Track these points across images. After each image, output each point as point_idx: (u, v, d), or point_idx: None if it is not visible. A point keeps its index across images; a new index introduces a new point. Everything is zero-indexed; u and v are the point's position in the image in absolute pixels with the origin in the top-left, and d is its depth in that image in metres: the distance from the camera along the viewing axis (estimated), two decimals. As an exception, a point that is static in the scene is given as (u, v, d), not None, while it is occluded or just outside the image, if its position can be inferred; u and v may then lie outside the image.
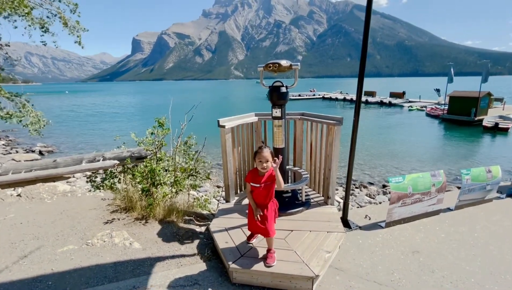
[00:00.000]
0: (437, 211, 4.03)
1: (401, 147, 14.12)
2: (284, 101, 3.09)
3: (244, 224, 2.97)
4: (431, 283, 2.56)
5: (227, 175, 3.42)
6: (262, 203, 2.35)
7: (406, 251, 3.06)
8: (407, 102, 34.58)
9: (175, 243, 2.95)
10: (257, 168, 2.32)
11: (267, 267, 2.27)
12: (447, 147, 14.53)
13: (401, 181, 3.64)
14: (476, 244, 3.23)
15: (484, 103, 21.43)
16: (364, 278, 2.58)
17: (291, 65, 2.98)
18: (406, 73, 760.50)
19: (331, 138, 3.18)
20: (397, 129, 19.59)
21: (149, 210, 3.22)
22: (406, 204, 3.68)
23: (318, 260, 2.35)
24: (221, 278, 2.44)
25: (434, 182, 3.89)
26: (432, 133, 18.71)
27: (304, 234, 2.75)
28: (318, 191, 3.70)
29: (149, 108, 38.09)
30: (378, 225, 3.62)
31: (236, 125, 3.44)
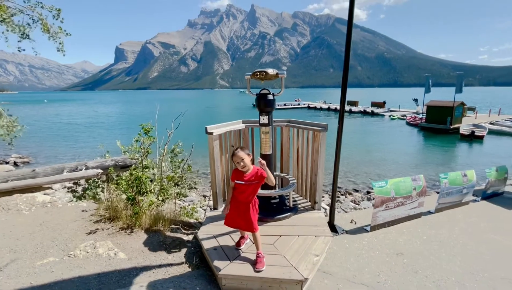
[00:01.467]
0: (419, 214, 4.19)
1: (384, 155, 14.56)
2: (271, 108, 3.15)
3: (233, 231, 2.97)
4: (415, 283, 2.64)
5: (215, 182, 3.41)
6: (244, 201, 2.41)
7: (391, 253, 3.15)
8: (388, 111, 35.90)
9: (162, 252, 2.89)
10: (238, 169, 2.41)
11: (256, 272, 2.28)
12: (427, 154, 15.15)
13: (384, 185, 3.77)
14: (456, 245, 3.37)
15: (459, 112, 22.61)
16: (351, 281, 2.63)
17: (277, 74, 3.07)
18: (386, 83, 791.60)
19: (317, 144, 3.27)
20: (379, 137, 20.23)
21: (135, 219, 3.15)
22: (389, 208, 3.81)
23: (307, 263, 2.38)
24: (210, 286, 2.41)
25: (415, 186, 4.05)
26: (412, 141, 19.46)
27: (292, 239, 2.77)
28: (305, 197, 3.76)
29: (133, 117, 37.31)
30: (364, 229, 3.71)
31: (223, 132, 3.46)
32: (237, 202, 2.43)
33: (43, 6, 4.56)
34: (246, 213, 2.38)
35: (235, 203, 2.46)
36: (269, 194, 3.22)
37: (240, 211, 2.41)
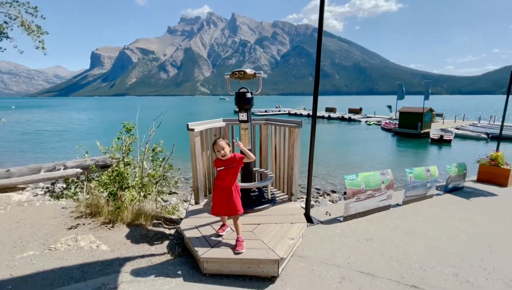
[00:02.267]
0: (388, 206, 4.53)
1: (361, 158, 15.24)
2: (249, 106, 3.36)
3: (214, 221, 3.11)
4: (381, 262, 2.91)
5: (196, 177, 3.54)
6: (227, 185, 2.59)
7: (361, 239, 3.42)
8: (364, 117, 37.49)
9: (144, 244, 2.96)
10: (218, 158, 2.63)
11: (236, 255, 2.43)
12: (401, 157, 16.06)
13: (355, 178, 4.07)
14: (418, 231, 3.71)
15: (428, 118, 24.14)
16: (324, 263, 2.85)
17: (255, 73, 3.29)
18: (362, 91, 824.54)
19: (293, 140, 3.51)
20: (357, 142, 21.10)
21: (117, 213, 3.19)
22: (360, 199, 4.11)
23: (283, 245, 2.57)
24: (192, 271, 2.53)
25: (383, 179, 4.40)
26: (387, 145, 20.46)
27: (270, 227, 2.96)
28: (283, 190, 3.98)
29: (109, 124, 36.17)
30: (337, 220, 3.98)
31: (204, 129, 3.61)
32: (221, 189, 2.60)
33: (20, 4, 4.51)
34: (230, 198, 2.56)
35: (219, 192, 2.62)
36: (248, 186, 3.40)
37: (224, 197, 2.58)
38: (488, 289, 2.54)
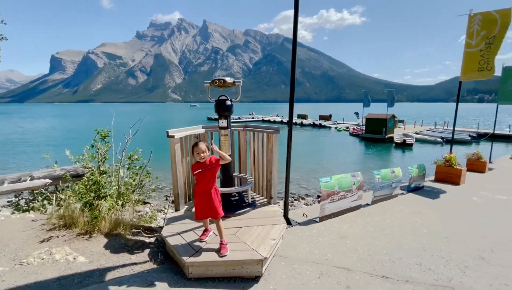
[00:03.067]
0: (358, 206, 4.85)
1: (332, 162, 15.92)
2: (229, 113, 3.48)
3: (196, 227, 3.14)
4: (355, 257, 3.14)
5: (176, 184, 3.54)
6: (206, 188, 2.67)
7: (336, 237, 3.65)
8: (334, 123, 39.19)
9: (124, 254, 2.91)
10: (197, 161, 2.71)
11: (221, 257, 2.50)
12: (368, 160, 17.04)
13: (329, 181, 4.33)
14: (386, 227, 4.04)
15: (391, 124, 25.91)
16: (304, 261, 3.01)
17: (234, 82, 3.42)
18: (331, 99, 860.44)
19: (271, 145, 3.67)
20: (328, 147, 22.00)
21: (94, 223, 3.09)
22: (334, 201, 4.37)
23: (265, 246, 2.69)
24: (176, 276, 2.54)
25: (354, 181, 4.72)
26: (355, 150, 21.57)
27: (252, 229, 3.06)
28: (262, 194, 4.11)
29: (75, 132, 33.95)
30: (314, 221, 4.19)
31: (184, 135, 3.65)
32: (201, 194, 2.66)
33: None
34: (210, 201, 2.63)
35: (199, 197, 2.68)
36: (229, 191, 3.48)
37: (204, 201, 2.65)
38: (447, 274, 2.85)
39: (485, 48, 6.51)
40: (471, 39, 6.84)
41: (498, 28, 6.35)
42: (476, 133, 25.51)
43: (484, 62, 6.58)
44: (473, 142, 23.49)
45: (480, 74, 6.66)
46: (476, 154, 8.66)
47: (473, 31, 6.82)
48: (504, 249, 3.45)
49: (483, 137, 24.36)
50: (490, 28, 6.42)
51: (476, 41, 6.76)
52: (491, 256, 3.26)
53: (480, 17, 6.70)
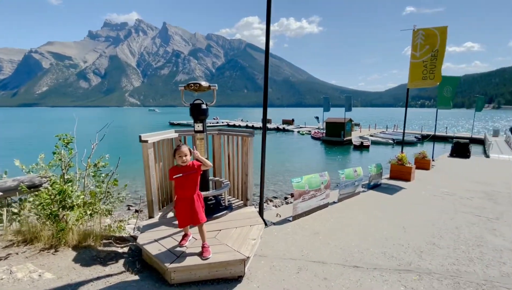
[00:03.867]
0: (327, 204, 5.16)
1: (296, 164, 16.51)
2: (204, 117, 3.49)
3: (174, 233, 3.08)
4: (328, 251, 3.35)
5: (150, 190, 3.44)
6: (188, 194, 2.62)
7: (309, 234, 3.85)
8: (297, 127, 40.67)
9: (97, 266, 2.74)
10: (176, 165, 2.66)
11: (204, 260, 2.50)
12: (330, 161, 18.02)
13: (300, 181, 4.55)
14: (353, 223, 4.36)
15: (348, 127, 27.71)
16: (282, 258, 3.14)
17: (209, 86, 3.46)
18: (292, 104, 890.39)
19: (246, 148, 3.76)
20: (292, 150, 22.73)
21: (60, 236, 2.85)
22: (305, 200, 4.60)
23: (247, 246, 2.76)
24: (158, 283, 2.48)
25: (322, 181, 5.01)
26: (317, 152, 22.63)
27: (231, 231, 3.11)
28: (238, 197, 4.16)
29: (20, 140, 30.21)
30: (287, 220, 4.36)
31: (157, 140, 3.56)
32: (182, 200, 2.62)
33: None
34: (193, 206, 2.59)
35: (181, 202, 2.63)
36: (205, 195, 3.47)
37: (186, 207, 2.60)
38: (406, 259, 3.20)
39: (429, 59, 7.39)
40: (415, 51, 7.73)
41: (439, 42, 7.30)
42: (420, 135, 28.49)
43: (427, 72, 7.48)
44: (418, 143, 26.19)
45: (424, 82, 7.55)
46: (422, 153, 9.71)
47: (417, 44, 7.72)
48: (450, 234, 3.97)
49: (426, 138, 27.33)
50: (433, 42, 7.34)
51: (420, 53, 7.66)
52: (440, 241, 3.73)
53: (422, 32, 7.61)
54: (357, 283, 2.69)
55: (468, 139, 16.64)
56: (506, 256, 3.35)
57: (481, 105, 26.55)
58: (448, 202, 5.57)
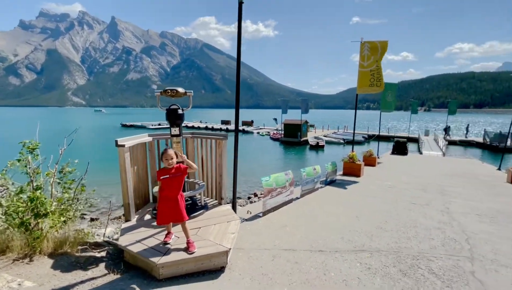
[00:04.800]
0: (291, 200, 5.65)
1: (257, 164, 17.04)
2: (181, 121, 3.67)
3: (155, 233, 3.21)
4: (296, 241, 3.79)
5: (127, 193, 3.49)
6: (173, 194, 2.82)
7: (279, 227, 4.26)
8: (257, 129, 41.57)
9: (78, 271, 2.75)
10: (164, 167, 2.84)
11: (190, 254, 2.71)
12: (289, 160, 18.97)
13: (269, 179, 4.96)
14: (313, 215, 4.91)
15: (304, 128, 29.34)
16: (257, 249, 3.48)
17: (185, 92, 3.65)
18: (251, 105, 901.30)
19: (220, 150, 4.03)
20: (252, 151, 23.28)
21: (35, 244, 2.78)
22: (273, 196, 5.02)
23: (227, 239, 3.04)
24: (146, 280, 2.62)
25: (287, 178, 5.49)
26: (277, 152, 23.55)
27: (210, 227, 3.35)
28: (212, 197, 4.39)
29: None
30: (258, 216, 4.72)
31: (133, 144, 3.62)
32: (167, 199, 2.80)
33: None
34: (176, 206, 2.80)
35: (164, 201, 2.81)
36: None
37: (170, 206, 2.79)
38: (361, 242, 3.80)
39: (376, 69, 8.46)
40: (363, 61, 8.76)
41: (379, 55, 8.42)
42: (367, 135, 31.47)
43: (374, 80, 8.54)
44: (365, 142, 28.91)
45: (371, 88, 8.61)
46: (369, 152, 10.95)
47: (364, 55, 8.76)
48: (393, 219, 4.74)
49: (372, 138, 30.30)
50: (376, 53, 8.42)
51: (368, 63, 8.71)
52: (386, 225, 4.45)
53: (368, 45, 8.66)
54: (323, 264, 3.16)
55: (406, 138, 19.01)
56: (434, 233, 4.18)
57: (415, 108, 30.43)
58: (391, 193, 6.52)
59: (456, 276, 2.99)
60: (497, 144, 22.80)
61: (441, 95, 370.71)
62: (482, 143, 26.23)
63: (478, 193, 6.75)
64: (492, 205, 5.72)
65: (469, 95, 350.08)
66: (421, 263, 3.26)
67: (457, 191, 6.92)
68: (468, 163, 12.59)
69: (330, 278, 2.87)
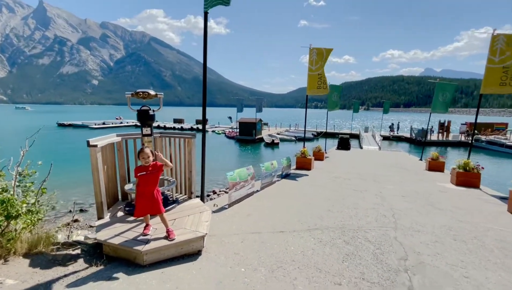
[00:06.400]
0: (253, 192, 6.20)
1: (215, 162, 17.30)
2: (152, 122, 3.90)
3: (132, 227, 3.42)
4: (260, 225, 4.34)
5: (99, 192, 3.60)
6: (150, 189, 3.11)
7: (244, 216, 4.76)
8: (212, 127, 41.36)
9: (58, 267, 2.85)
10: (141, 165, 3.10)
11: (171, 241, 3.03)
12: (246, 157, 19.59)
13: (233, 174, 5.42)
14: (274, 204, 5.53)
15: (259, 127, 30.36)
16: (227, 235, 3.93)
17: (156, 94, 3.88)
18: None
19: (190, 148, 4.35)
20: (209, 149, 23.37)
21: (10, 245, 2.77)
22: (237, 189, 5.50)
23: (202, 226, 3.42)
24: (131, 267, 2.86)
25: (248, 173, 6.02)
26: (233, 150, 24.03)
27: (185, 218, 3.68)
28: (181, 192, 4.68)
29: None
30: (224, 207, 5.15)
31: (104, 144, 3.73)
32: (144, 194, 3.07)
33: None
34: (153, 199, 3.08)
35: (142, 196, 3.07)
36: (156, 192, 3.89)
37: (147, 199, 3.07)
38: (313, 222, 4.51)
39: (323, 72, 9.48)
40: (311, 65, 9.74)
41: (324, 60, 9.47)
42: (316, 132, 33.93)
43: (321, 83, 9.57)
44: (314, 139, 31.18)
45: (319, 90, 9.63)
46: (318, 147, 12.14)
47: (313, 60, 9.74)
48: (338, 203, 5.62)
49: (320, 134, 32.82)
50: (322, 59, 9.45)
51: (316, 67, 9.71)
52: (333, 209, 5.28)
53: (316, 51, 9.66)
54: (284, 241, 3.75)
55: (349, 135, 21.20)
56: (369, 212, 5.13)
57: (357, 107, 33.80)
58: (336, 183, 7.54)
59: (384, 241, 3.87)
60: (420, 138, 26.86)
61: (377, 96, 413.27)
62: (409, 138, 30.56)
63: (404, 180, 8.22)
64: (413, 188, 7.09)
65: (399, 96, 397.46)
66: (359, 234, 4.09)
67: (388, 178, 8.30)
68: (398, 156, 14.81)
69: (291, 251, 3.48)
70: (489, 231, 4.30)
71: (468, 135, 27.63)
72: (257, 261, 3.18)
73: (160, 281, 2.67)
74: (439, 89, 12.19)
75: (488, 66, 7.45)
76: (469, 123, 28.86)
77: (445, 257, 3.41)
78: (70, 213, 7.96)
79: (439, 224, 4.58)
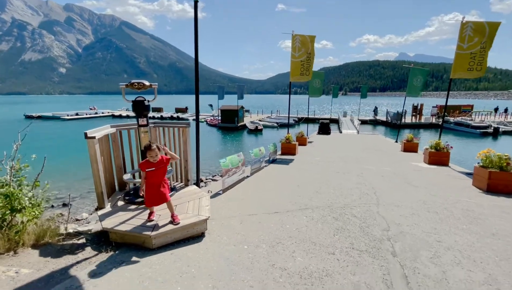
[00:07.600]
0: (244, 178, 6.45)
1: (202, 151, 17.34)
2: (147, 112, 3.96)
3: (135, 215, 3.56)
4: (255, 207, 4.61)
5: (99, 183, 3.66)
6: (158, 181, 3.26)
7: (238, 200, 5.01)
8: (192, 115, 40.71)
9: (68, 256, 2.96)
10: (148, 160, 3.21)
11: (176, 225, 3.22)
12: (230, 145, 19.71)
13: (225, 161, 5.61)
14: (265, 187, 5.82)
15: (241, 114, 30.38)
16: (226, 217, 4.17)
17: (151, 84, 3.93)
18: (181, 90, 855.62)
19: (185, 137, 4.47)
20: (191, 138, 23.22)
21: (18, 237, 2.83)
22: (230, 176, 5.71)
23: (204, 210, 3.63)
24: (141, 251, 3.04)
25: (239, 160, 6.23)
26: (216, 138, 24.00)
27: (186, 204, 3.86)
28: (177, 180, 4.82)
29: None
30: (218, 193, 5.37)
31: (101, 136, 3.77)
32: (152, 185, 3.20)
33: None
34: (161, 190, 3.22)
35: (150, 187, 3.20)
36: (155, 180, 4.01)
37: (155, 190, 3.21)
38: (303, 202, 4.86)
39: (306, 59, 9.69)
40: (294, 52, 9.92)
41: (310, 47, 9.66)
42: (297, 118, 34.51)
43: (304, 70, 9.81)
44: (296, 124, 31.77)
45: (302, 77, 9.88)
46: (300, 132, 12.53)
47: (296, 47, 9.90)
48: (324, 185, 6.02)
49: (301, 120, 33.44)
50: (306, 46, 9.64)
51: (299, 54, 9.90)
52: (321, 190, 5.66)
53: (299, 38, 9.82)
54: (279, 220, 4.06)
55: (328, 119, 21.86)
56: (353, 191, 5.57)
57: (336, 92, 34.61)
58: (320, 166, 7.96)
59: (368, 215, 4.29)
60: (396, 121, 28.23)
61: (355, 80, 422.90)
62: (385, 121, 31.97)
63: (382, 161, 8.82)
64: (390, 169, 7.66)
65: (375, 80, 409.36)
66: (346, 211, 4.49)
67: (368, 160, 8.86)
68: (375, 139, 15.61)
69: (287, 228, 3.79)
70: (457, 203, 4.87)
71: (438, 117, 29.44)
72: (257, 239, 3.46)
73: (171, 261, 2.88)
74: (413, 74, 12.88)
75: (457, 52, 8.02)
76: (440, 106, 30.69)
77: (421, 226, 3.88)
78: (57, 207, 7.83)
79: (415, 199, 5.10)
